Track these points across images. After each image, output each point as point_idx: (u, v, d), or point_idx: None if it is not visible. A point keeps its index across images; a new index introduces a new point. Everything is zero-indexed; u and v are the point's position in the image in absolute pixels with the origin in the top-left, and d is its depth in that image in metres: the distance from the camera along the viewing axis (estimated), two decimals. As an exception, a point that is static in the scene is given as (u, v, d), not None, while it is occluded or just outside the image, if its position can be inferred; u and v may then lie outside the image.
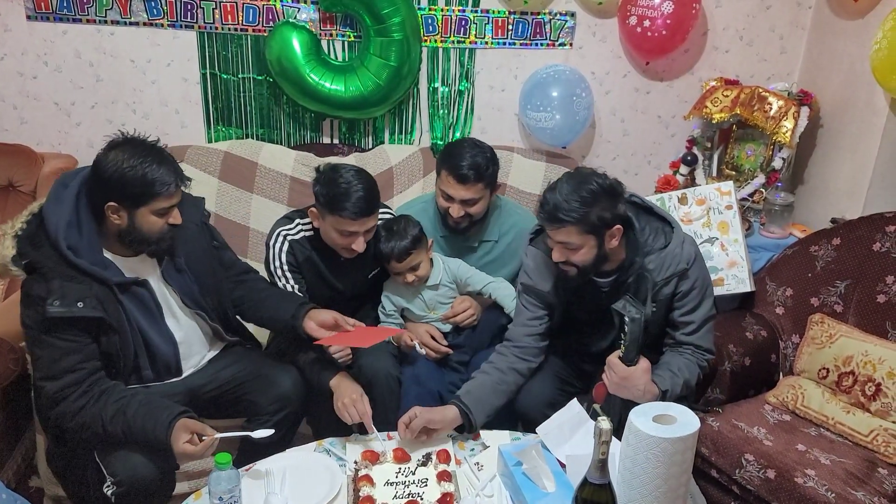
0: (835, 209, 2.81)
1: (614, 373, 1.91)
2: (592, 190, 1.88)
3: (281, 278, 2.22)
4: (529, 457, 1.69)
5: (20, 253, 1.78)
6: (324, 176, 2.14)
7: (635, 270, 1.99)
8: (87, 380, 1.81)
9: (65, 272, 1.77)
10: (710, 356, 2.08)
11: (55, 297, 1.74)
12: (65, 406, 1.79)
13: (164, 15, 2.79)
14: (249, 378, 2.09)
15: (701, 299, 2.03)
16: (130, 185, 1.79)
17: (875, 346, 2.23)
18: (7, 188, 2.65)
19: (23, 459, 2.42)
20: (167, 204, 1.84)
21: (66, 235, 1.79)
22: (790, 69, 3.13)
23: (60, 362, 1.78)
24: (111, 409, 1.80)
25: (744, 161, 2.98)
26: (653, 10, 2.78)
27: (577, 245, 1.91)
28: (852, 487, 1.92)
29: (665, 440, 1.48)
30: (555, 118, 2.84)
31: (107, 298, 1.83)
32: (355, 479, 1.79)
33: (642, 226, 2.02)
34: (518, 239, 2.47)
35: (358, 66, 2.81)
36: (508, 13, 2.93)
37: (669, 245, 1.99)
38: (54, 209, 1.81)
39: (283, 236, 2.24)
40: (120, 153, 1.81)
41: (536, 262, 2.11)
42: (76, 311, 1.75)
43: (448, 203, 2.34)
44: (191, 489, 2.03)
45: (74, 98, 2.89)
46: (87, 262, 1.80)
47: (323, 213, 2.14)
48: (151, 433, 1.78)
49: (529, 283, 2.12)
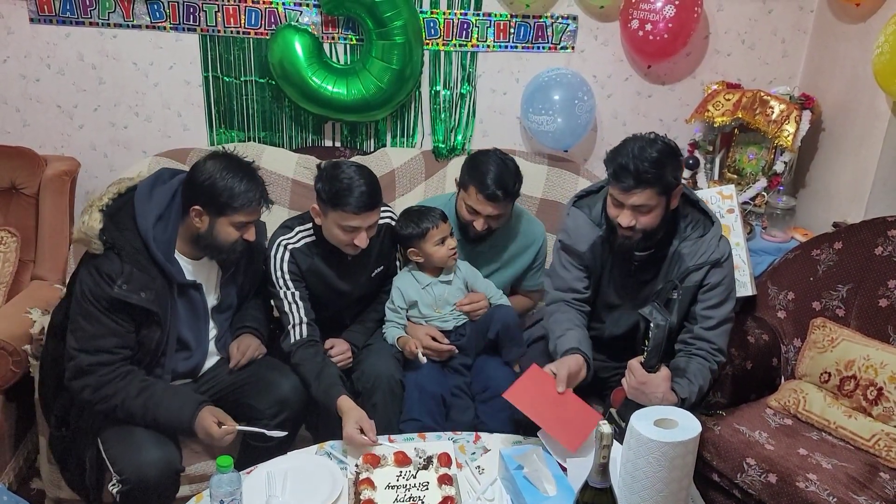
0: (837, 213, 2.81)
1: (634, 377, 1.91)
2: (661, 150, 1.92)
3: (283, 287, 2.22)
4: (530, 460, 1.70)
5: (104, 229, 1.87)
6: (325, 172, 2.15)
7: (671, 252, 2.03)
8: (117, 362, 1.90)
9: (139, 260, 1.88)
10: (723, 359, 2.08)
11: (124, 281, 1.84)
12: (90, 379, 1.88)
13: (166, 18, 2.80)
14: (249, 382, 2.11)
15: (726, 297, 2.06)
16: (218, 193, 1.92)
17: (877, 350, 2.22)
18: (10, 190, 2.65)
19: (24, 461, 2.42)
20: (246, 219, 1.97)
21: (154, 228, 1.91)
22: (792, 73, 3.13)
23: (100, 340, 1.87)
24: (135, 387, 1.90)
25: (745, 165, 2.98)
26: (655, 14, 2.78)
27: (651, 206, 1.93)
28: (854, 492, 1.92)
29: (666, 444, 1.48)
30: (556, 121, 2.84)
31: (164, 294, 1.94)
32: (356, 482, 1.79)
33: (685, 212, 2.07)
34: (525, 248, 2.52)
35: (360, 70, 2.82)
36: (510, 16, 2.93)
37: (706, 235, 2.04)
38: (149, 201, 1.93)
39: (284, 246, 2.24)
40: (217, 163, 1.95)
41: (577, 223, 2.14)
42: (137, 299, 1.86)
43: (472, 217, 2.35)
44: (192, 492, 2.03)
45: (77, 101, 2.89)
46: (162, 256, 1.90)
47: (325, 209, 2.15)
48: (178, 411, 1.89)
49: (568, 243, 2.15)
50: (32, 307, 2.30)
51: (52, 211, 2.64)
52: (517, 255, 2.54)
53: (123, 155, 2.97)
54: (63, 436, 2.01)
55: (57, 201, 2.65)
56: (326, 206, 2.14)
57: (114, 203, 1.93)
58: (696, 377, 1.98)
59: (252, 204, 1.94)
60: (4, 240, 2.57)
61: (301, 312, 2.21)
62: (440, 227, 2.31)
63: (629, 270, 2.12)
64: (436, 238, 2.31)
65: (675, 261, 2.05)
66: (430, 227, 2.31)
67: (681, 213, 2.07)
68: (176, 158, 2.72)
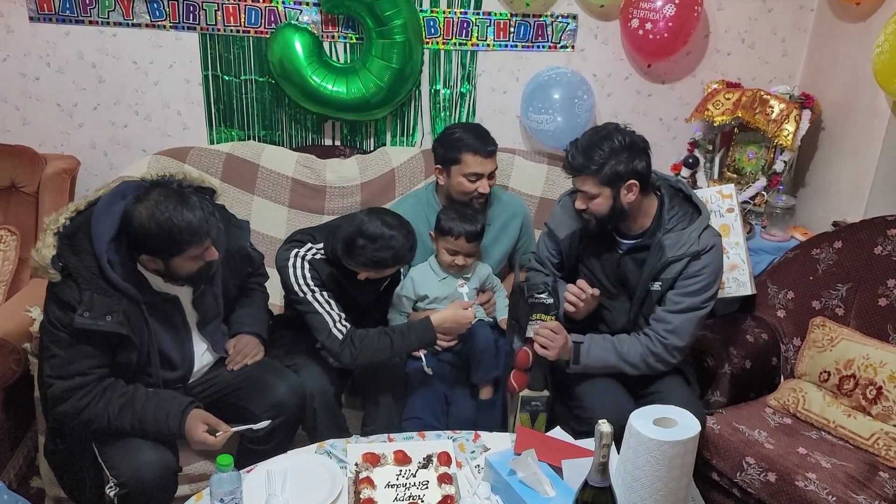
0: (836, 212, 2.81)
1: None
2: (611, 144, 2.03)
3: (309, 292, 2.15)
4: (525, 464, 1.69)
5: (59, 254, 1.79)
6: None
7: (655, 243, 2.11)
8: (92, 383, 1.84)
9: (98, 284, 1.79)
10: (677, 342, 2.08)
11: (85, 308, 1.76)
12: (68, 405, 1.82)
13: (166, 16, 2.80)
14: (244, 385, 2.09)
15: (700, 288, 2.08)
16: (159, 240, 1.78)
17: (876, 349, 2.23)
18: (10, 189, 2.65)
19: (24, 460, 2.43)
20: (199, 251, 1.84)
21: (108, 249, 1.80)
22: (792, 72, 3.13)
23: (74, 364, 1.81)
24: (116, 403, 1.84)
25: (745, 164, 2.98)
26: (655, 13, 2.78)
27: (593, 194, 2.07)
28: (853, 491, 1.92)
29: (665, 443, 1.48)
30: (556, 120, 2.84)
31: (133, 314, 1.85)
32: (356, 481, 1.79)
33: (672, 205, 2.14)
34: (510, 219, 2.58)
35: (360, 68, 2.81)
36: (510, 15, 2.93)
37: (689, 227, 2.10)
38: (104, 220, 1.82)
39: (301, 258, 2.18)
40: (143, 209, 1.78)
41: (563, 212, 2.30)
42: (103, 324, 1.78)
43: (474, 183, 2.43)
44: (192, 491, 2.03)
45: (77, 99, 2.89)
46: (120, 279, 1.81)
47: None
48: (164, 423, 1.84)
49: (552, 227, 2.33)
50: (32, 305, 2.29)
51: (51, 209, 2.62)
52: (507, 223, 2.59)
53: (123, 153, 2.97)
54: (58, 448, 1.96)
55: (57, 200, 2.65)
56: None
57: (71, 223, 1.83)
58: (613, 339, 2.11)
59: (198, 236, 1.80)
60: (4, 238, 2.56)
61: (337, 309, 2.16)
62: (459, 241, 2.33)
63: (616, 260, 2.19)
64: (455, 247, 2.35)
65: (657, 251, 2.11)
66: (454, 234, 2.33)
67: (667, 206, 2.13)
68: (176, 157, 2.72)
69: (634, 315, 2.18)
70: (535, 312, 2.13)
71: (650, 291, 2.13)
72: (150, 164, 2.66)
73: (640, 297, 2.15)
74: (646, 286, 2.13)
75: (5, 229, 2.58)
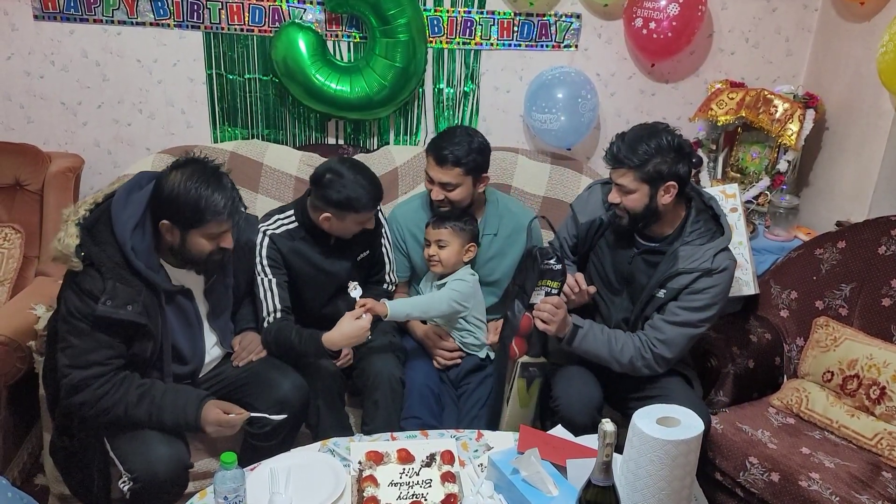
0: (840, 212, 2.81)
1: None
2: (659, 142, 2.02)
3: (260, 273, 2.24)
4: (528, 463, 1.69)
5: (81, 244, 1.81)
6: (323, 181, 2.22)
7: (670, 252, 2.11)
8: (110, 373, 1.86)
9: (120, 274, 1.82)
10: (667, 353, 2.08)
11: (107, 297, 1.79)
12: (87, 394, 1.84)
13: (170, 15, 2.80)
14: (249, 382, 2.11)
15: (703, 307, 2.06)
16: (184, 207, 1.84)
17: (880, 349, 2.22)
18: (14, 187, 2.66)
19: (28, 457, 2.43)
20: (218, 230, 1.89)
21: (132, 237, 1.83)
22: (796, 72, 3.13)
23: (92, 354, 1.83)
24: (134, 393, 1.87)
25: (749, 163, 2.98)
26: (658, 12, 2.78)
27: (631, 189, 2.05)
28: (856, 491, 1.92)
29: (669, 443, 1.48)
30: (560, 120, 2.84)
31: (152, 305, 1.89)
32: (359, 479, 1.79)
33: (697, 219, 2.13)
34: (517, 230, 2.51)
35: (363, 67, 2.82)
36: (514, 14, 2.93)
37: (708, 244, 2.09)
38: (125, 209, 1.85)
39: (263, 232, 2.27)
40: (179, 174, 1.86)
41: (590, 198, 2.31)
42: (124, 314, 1.81)
43: (430, 186, 2.42)
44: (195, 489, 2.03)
45: (81, 97, 2.90)
46: (143, 266, 1.85)
47: (339, 214, 2.22)
48: (182, 412, 1.87)
49: (576, 209, 2.33)
50: (37, 303, 2.30)
51: (56, 207, 2.64)
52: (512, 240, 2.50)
53: (127, 152, 2.98)
54: (66, 445, 1.97)
55: (61, 198, 2.66)
56: (338, 211, 2.20)
57: (91, 214, 1.86)
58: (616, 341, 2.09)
59: (222, 214, 1.86)
60: (9, 236, 2.57)
61: (275, 300, 2.21)
62: (430, 226, 2.39)
63: (629, 258, 2.18)
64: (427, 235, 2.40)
65: (670, 259, 2.10)
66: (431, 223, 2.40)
67: (692, 218, 2.12)
68: (179, 155, 2.70)
69: (635, 317, 2.17)
70: (544, 279, 2.13)
71: (654, 297, 2.12)
72: (154, 162, 2.67)
73: (643, 301, 2.15)
74: (651, 291, 2.12)
75: (10, 227, 2.58)
